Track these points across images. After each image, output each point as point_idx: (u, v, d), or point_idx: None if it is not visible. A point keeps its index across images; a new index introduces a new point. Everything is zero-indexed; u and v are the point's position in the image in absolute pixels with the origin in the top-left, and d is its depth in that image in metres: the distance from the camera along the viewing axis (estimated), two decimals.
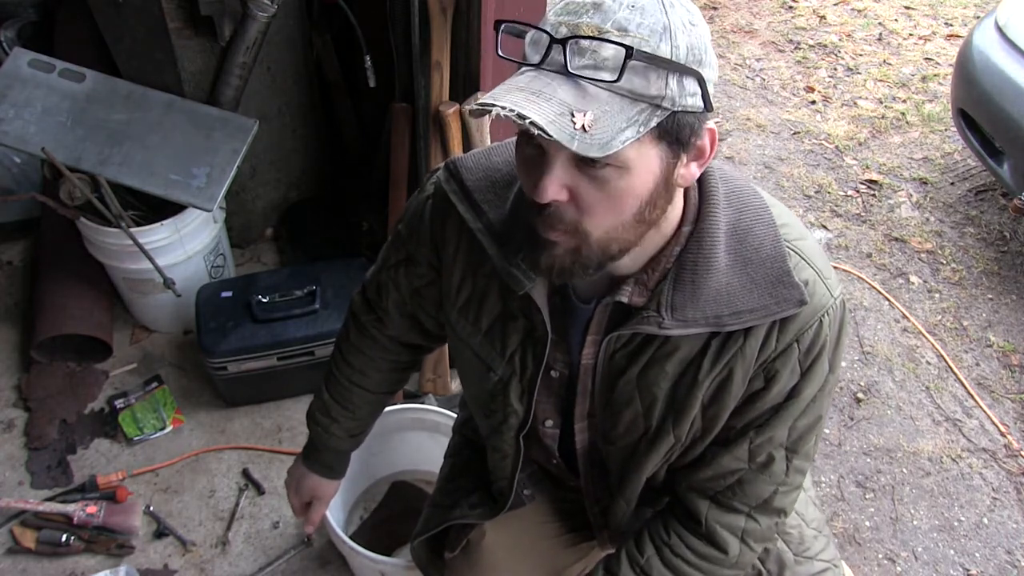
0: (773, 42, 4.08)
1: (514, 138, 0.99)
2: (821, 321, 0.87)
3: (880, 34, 4.16)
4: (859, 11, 4.37)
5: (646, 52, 0.69)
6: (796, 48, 4.03)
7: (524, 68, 0.73)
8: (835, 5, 4.42)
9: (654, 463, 0.99)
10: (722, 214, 0.86)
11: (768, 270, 0.85)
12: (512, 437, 1.04)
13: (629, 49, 0.68)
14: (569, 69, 0.69)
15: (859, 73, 3.83)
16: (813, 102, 3.62)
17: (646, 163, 0.74)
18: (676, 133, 0.74)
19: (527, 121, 0.66)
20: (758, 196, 0.90)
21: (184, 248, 2.11)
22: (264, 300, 2.00)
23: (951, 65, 3.24)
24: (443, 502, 1.24)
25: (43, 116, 1.95)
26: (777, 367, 0.89)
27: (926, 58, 3.96)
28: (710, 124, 0.78)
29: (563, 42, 0.69)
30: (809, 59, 3.93)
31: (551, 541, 1.25)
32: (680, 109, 0.72)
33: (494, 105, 0.68)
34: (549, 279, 0.82)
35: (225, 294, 2.05)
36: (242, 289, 2.05)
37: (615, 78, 0.69)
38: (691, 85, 0.73)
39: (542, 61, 0.71)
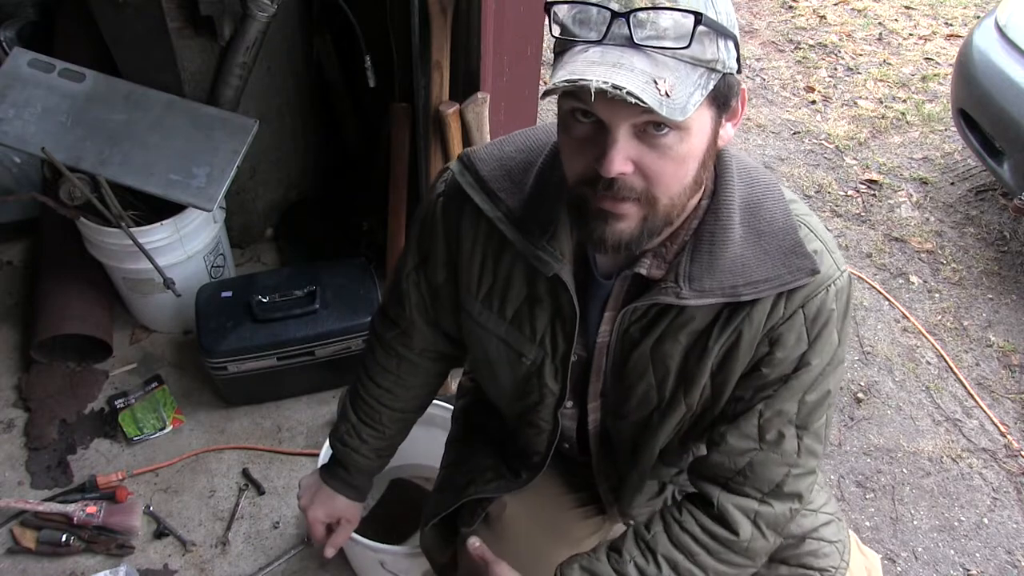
0: (773, 42, 4.08)
1: (524, 129, 1.00)
2: (827, 290, 0.90)
3: (880, 34, 4.16)
4: (859, 11, 4.37)
5: (710, 18, 0.72)
6: (796, 48, 4.03)
7: (586, 45, 0.74)
8: (835, 5, 4.42)
9: (667, 434, 1.01)
10: (736, 188, 0.89)
11: (781, 241, 0.88)
12: (550, 414, 1.07)
13: (699, 15, 0.71)
14: (635, 41, 0.72)
15: (859, 73, 3.83)
16: (813, 102, 3.62)
17: (701, 125, 0.78)
18: (725, 95, 0.79)
19: (623, 91, 0.68)
20: (767, 173, 0.94)
21: (184, 248, 2.11)
22: (264, 300, 2.00)
23: (951, 65, 3.24)
24: (455, 483, 1.24)
25: (43, 116, 1.95)
26: (783, 332, 0.91)
27: (926, 58, 3.96)
28: (742, 85, 0.82)
29: (626, 15, 0.71)
30: (809, 59, 3.93)
31: (566, 513, 1.27)
32: (728, 71, 0.77)
33: (584, 80, 0.69)
34: (611, 252, 0.83)
35: (225, 294, 2.05)
36: (242, 289, 2.05)
37: (683, 45, 0.72)
38: (731, 48, 0.77)
39: (604, 37, 0.73)
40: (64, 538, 1.78)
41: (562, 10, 0.76)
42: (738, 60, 0.79)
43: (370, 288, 2.08)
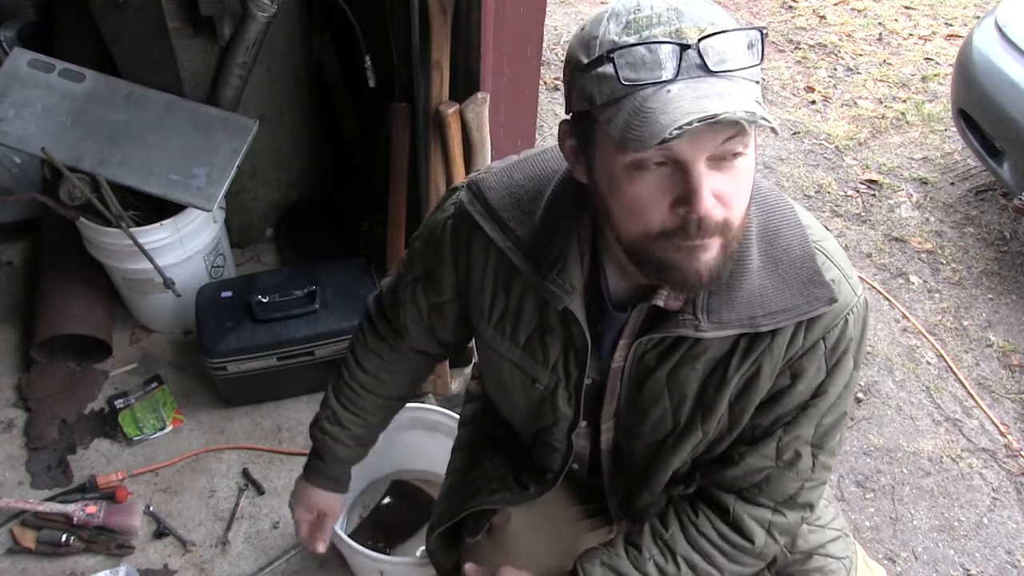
0: (773, 42, 4.07)
1: (530, 153, 0.99)
2: (847, 319, 0.89)
3: (880, 34, 4.16)
4: (859, 11, 4.37)
5: (765, 34, 0.73)
6: (796, 48, 4.03)
7: (659, 85, 0.71)
8: (835, 5, 4.42)
9: (681, 458, 1.01)
10: (754, 216, 0.88)
11: (799, 270, 0.87)
12: (563, 436, 1.07)
13: (762, 30, 0.72)
14: (711, 68, 0.71)
15: (859, 73, 3.83)
16: (813, 102, 3.62)
17: (753, 143, 0.77)
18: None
19: (757, 115, 0.68)
20: (783, 197, 0.92)
21: (184, 248, 2.11)
22: (264, 300, 2.00)
23: (951, 65, 3.24)
24: (461, 492, 1.24)
25: (43, 116, 1.95)
26: (804, 364, 0.91)
27: (926, 58, 3.96)
28: None
29: (695, 46, 0.71)
30: (809, 59, 3.93)
31: (572, 524, 1.27)
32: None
33: (712, 114, 0.67)
34: (697, 289, 0.82)
35: (225, 294, 2.05)
36: (242, 289, 2.05)
37: (757, 60, 0.73)
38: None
39: (678, 72, 0.71)
40: (64, 538, 1.78)
41: (618, 57, 0.72)
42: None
43: (370, 288, 2.07)
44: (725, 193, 0.76)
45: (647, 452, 1.04)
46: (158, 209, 2.05)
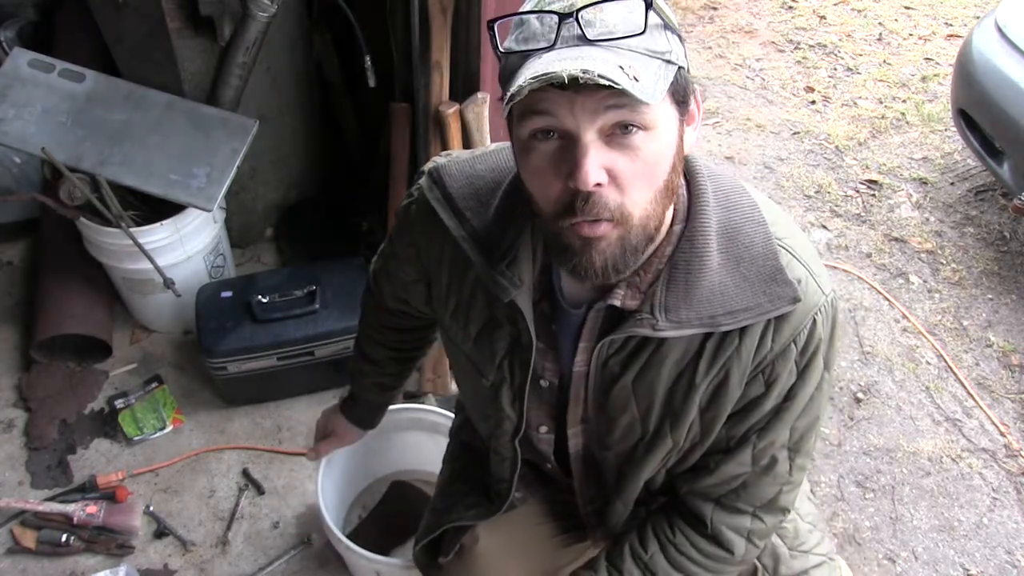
0: (773, 42, 4.08)
1: (498, 146, 0.98)
2: (815, 320, 0.86)
3: (880, 34, 4.16)
4: (859, 11, 4.37)
5: (658, 4, 0.71)
6: (796, 48, 4.03)
7: (539, 53, 0.72)
8: (835, 5, 4.42)
9: (652, 467, 0.99)
10: (712, 212, 0.86)
11: (760, 268, 0.84)
12: (508, 441, 1.04)
13: (648, 0, 0.70)
14: (589, 38, 0.70)
15: (859, 73, 3.83)
16: (813, 102, 3.62)
17: (666, 123, 0.75)
18: (683, 90, 0.76)
19: (594, 73, 0.65)
20: (746, 194, 0.89)
21: (184, 248, 2.11)
22: (264, 300, 2.00)
23: (951, 65, 3.24)
24: (442, 506, 1.24)
25: (43, 116, 1.96)
26: (778, 370, 0.88)
27: (926, 58, 3.96)
28: (695, 87, 0.80)
29: (573, 15, 0.70)
30: (809, 59, 3.93)
31: (545, 543, 1.25)
32: (681, 65, 0.75)
33: (550, 72, 0.66)
34: (600, 278, 0.79)
35: (225, 294, 2.05)
36: (242, 289, 2.05)
37: (638, 31, 0.70)
38: (679, 43, 0.76)
39: (555, 42, 0.71)
40: (64, 538, 1.78)
41: (504, 33, 0.74)
42: (686, 57, 0.77)
43: None
44: (622, 173, 0.73)
45: (617, 461, 1.02)
46: (158, 209, 2.05)
